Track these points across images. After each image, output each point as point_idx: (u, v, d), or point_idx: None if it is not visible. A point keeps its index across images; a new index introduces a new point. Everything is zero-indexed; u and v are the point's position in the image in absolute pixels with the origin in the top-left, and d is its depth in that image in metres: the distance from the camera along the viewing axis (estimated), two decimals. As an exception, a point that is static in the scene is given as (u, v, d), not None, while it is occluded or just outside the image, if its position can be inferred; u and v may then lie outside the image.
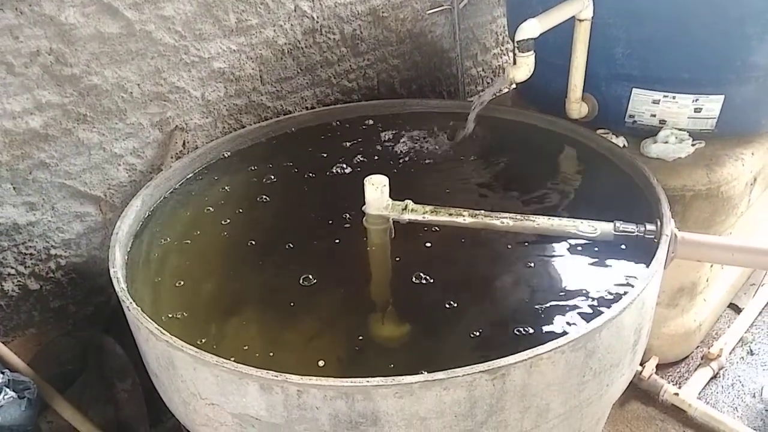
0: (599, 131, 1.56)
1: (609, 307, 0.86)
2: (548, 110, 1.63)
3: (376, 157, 1.41)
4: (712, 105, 1.45)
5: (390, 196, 1.13)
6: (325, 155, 1.42)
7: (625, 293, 0.89)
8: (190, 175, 1.33)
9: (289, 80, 1.56)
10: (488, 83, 2.30)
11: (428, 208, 1.13)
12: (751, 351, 1.71)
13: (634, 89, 1.50)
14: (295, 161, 1.39)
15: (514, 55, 1.31)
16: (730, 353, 1.69)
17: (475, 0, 2.01)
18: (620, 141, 1.51)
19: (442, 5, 1.89)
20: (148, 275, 1.07)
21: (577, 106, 1.56)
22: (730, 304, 1.89)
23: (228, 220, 1.19)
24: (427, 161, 1.41)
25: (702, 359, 1.66)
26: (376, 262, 1.13)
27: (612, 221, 1.06)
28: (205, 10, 1.31)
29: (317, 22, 1.55)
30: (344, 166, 1.36)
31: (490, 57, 2.23)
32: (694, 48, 1.38)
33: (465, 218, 1.10)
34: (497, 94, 1.46)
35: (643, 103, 1.50)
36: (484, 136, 1.49)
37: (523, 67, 1.31)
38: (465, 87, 2.09)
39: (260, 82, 1.49)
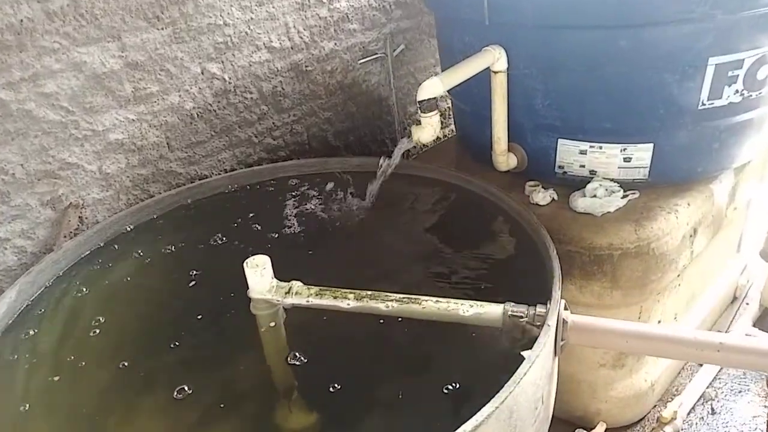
0: (529, 183, 1.48)
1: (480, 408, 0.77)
2: (482, 160, 1.56)
3: (287, 224, 1.34)
4: (642, 154, 1.36)
5: (302, 270, 1.06)
6: (235, 224, 1.36)
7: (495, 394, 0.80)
8: (86, 254, 1.27)
9: (201, 144, 1.50)
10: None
11: (313, 290, 1.05)
12: (713, 410, 1.59)
13: (559, 140, 1.42)
14: (201, 232, 1.33)
15: (418, 115, 1.24)
16: (689, 413, 1.57)
17: (413, 45, 1.95)
18: (548, 195, 1.43)
19: (375, 54, 1.83)
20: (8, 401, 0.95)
21: (504, 159, 1.49)
22: (693, 354, 1.77)
23: (100, 320, 1.10)
24: (340, 225, 1.34)
25: (656, 422, 1.54)
26: (270, 353, 1.05)
27: (504, 302, 0.97)
28: (94, 83, 1.26)
29: (230, 83, 1.50)
30: (254, 235, 1.29)
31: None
32: (613, 96, 1.30)
33: (349, 302, 1.01)
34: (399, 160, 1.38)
35: (570, 154, 1.42)
36: (399, 196, 1.41)
37: (428, 128, 1.24)
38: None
39: (168, 149, 1.43)
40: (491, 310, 0.95)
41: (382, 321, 0.99)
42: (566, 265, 1.35)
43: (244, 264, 1.04)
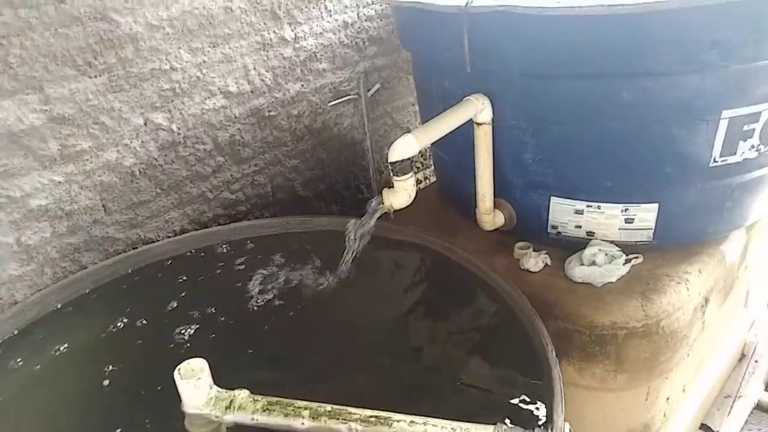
0: (519, 245, 1.31)
1: None
2: (467, 214, 1.39)
3: (243, 300, 1.15)
4: (646, 215, 1.20)
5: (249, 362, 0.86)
6: (180, 301, 1.16)
7: None
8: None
9: (145, 204, 1.31)
10: (418, 167, 2.07)
11: (260, 403, 0.85)
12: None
13: (552, 198, 1.25)
14: (140, 311, 1.13)
15: (390, 178, 1.06)
16: None
17: (389, 83, 1.79)
18: (540, 260, 1.26)
19: (348, 95, 1.67)
20: None
21: (490, 218, 1.32)
22: (702, 425, 1.60)
23: None
24: (304, 303, 1.15)
25: None
26: None
27: (496, 423, 0.79)
28: (9, 142, 1.07)
29: (178, 134, 1.32)
30: (201, 317, 1.10)
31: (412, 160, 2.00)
32: (613, 152, 1.14)
33: (304, 421, 0.83)
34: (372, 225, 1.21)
35: (564, 214, 1.26)
36: (371, 264, 1.23)
37: (402, 193, 1.07)
38: (384, 179, 1.85)
39: (103, 212, 1.24)
40: (478, 436, 0.77)
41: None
42: (564, 343, 1.18)
43: (176, 372, 0.85)
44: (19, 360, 1.04)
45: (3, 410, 0.94)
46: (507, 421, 0.78)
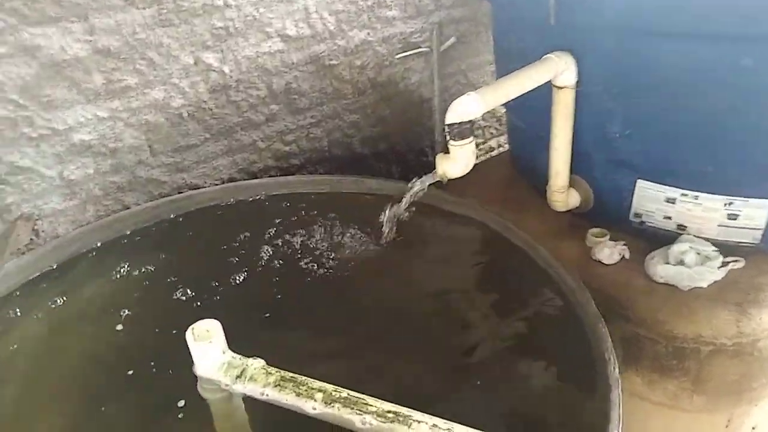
0: (594, 231, 1.15)
1: None
2: (540, 190, 1.23)
3: (279, 261, 1.07)
4: (754, 212, 1.00)
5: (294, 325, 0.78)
6: (211, 253, 1.10)
7: None
8: (37, 275, 1.06)
9: (193, 148, 1.25)
10: (492, 134, 1.90)
11: (273, 377, 0.77)
12: None
13: (639, 181, 1.07)
14: (178, 257, 1.08)
15: (446, 142, 0.93)
16: None
17: (466, 38, 1.62)
18: (616, 251, 1.09)
19: (418, 47, 1.52)
20: None
21: (563, 197, 1.15)
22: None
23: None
24: (342, 271, 1.05)
25: None
26: None
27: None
28: (53, 72, 1.02)
29: (230, 77, 1.24)
30: (235, 273, 1.04)
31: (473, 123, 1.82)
32: (722, 132, 0.94)
33: (315, 404, 0.74)
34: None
35: (652, 201, 1.07)
36: (419, 235, 1.11)
37: (458, 161, 0.93)
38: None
39: (149, 154, 1.19)
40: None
41: None
42: (634, 350, 1.02)
43: (189, 331, 0.78)
44: (54, 294, 1.02)
45: (32, 343, 0.93)
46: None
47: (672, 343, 0.96)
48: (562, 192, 1.14)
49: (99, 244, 1.14)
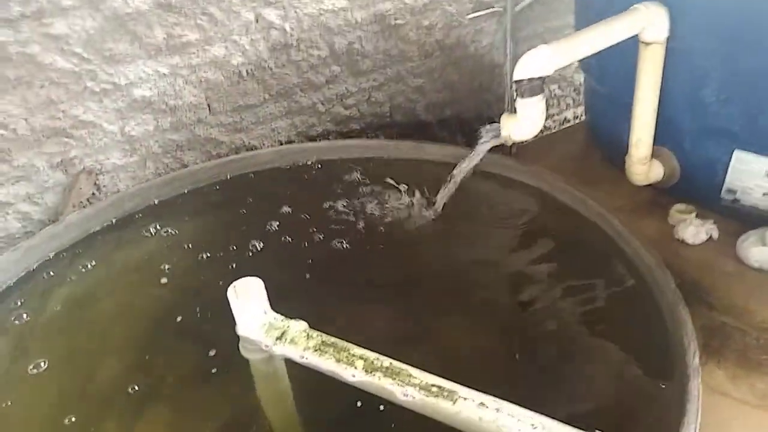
0: (678, 207, 1.03)
1: None
2: (617, 162, 1.13)
3: (333, 225, 1.04)
4: None
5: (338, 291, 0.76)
6: (265, 215, 1.08)
7: None
8: (97, 229, 1.08)
9: (252, 108, 1.23)
10: (568, 104, 1.77)
11: (313, 341, 0.73)
12: None
13: (736, 152, 0.94)
14: (234, 218, 1.07)
15: (513, 100, 0.85)
16: None
17: (544, -2, 1.50)
18: (704, 230, 0.97)
19: (491, 7, 1.42)
20: None
21: (644, 169, 1.04)
22: None
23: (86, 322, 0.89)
24: (395, 239, 1.00)
25: None
26: (272, 416, 0.78)
27: (593, 429, 0.59)
28: (116, 25, 1.02)
29: (291, 35, 1.20)
30: (290, 234, 1.01)
31: (570, 70, 1.70)
32: None
33: (355, 372, 0.69)
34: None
35: (750, 175, 0.94)
36: (480, 205, 1.04)
37: (525, 122, 0.85)
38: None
39: (208, 112, 1.18)
40: (565, 444, 0.57)
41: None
42: (717, 341, 0.91)
43: (230, 289, 0.76)
44: (112, 246, 1.04)
45: (92, 292, 0.95)
46: (610, 434, 0.58)
47: (763, 335, 0.84)
48: (644, 163, 1.03)
49: (157, 201, 1.15)
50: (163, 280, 0.96)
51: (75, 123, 1.06)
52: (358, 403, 0.73)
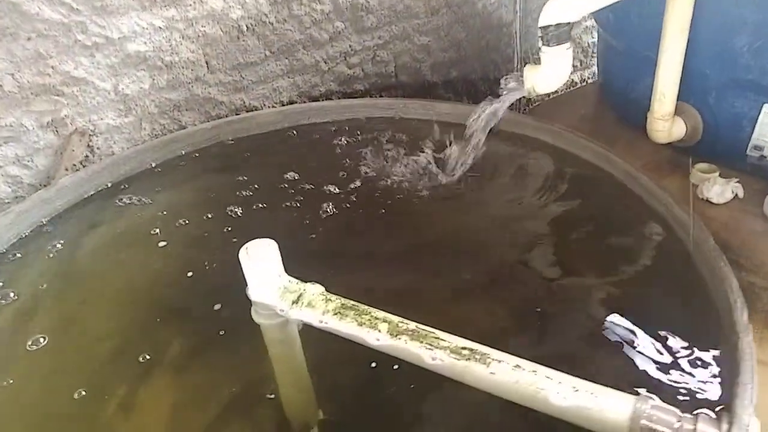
0: (701, 167, 1.00)
1: None
2: (632, 121, 1.09)
3: (340, 189, 0.99)
4: None
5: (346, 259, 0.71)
6: (277, 179, 1.03)
7: None
8: (91, 193, 1.02)
9: (252, 66, 1.17)
10: (575, 66, 1.72)
11: (333, 304, 0.69)
12: None
13: (765, 106, 0.90)
14: (235, 186, 1.01)
15: (539, 50, 0.80)
16: None
17: (555, -48, 1.43)
18: (729, 188, 0.94)
19: (500, -40, 1.36)
20: None
21: (666, 126, 1.00)
22: None
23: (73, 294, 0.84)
24: (409, 202, 0.96)
25: None
26: (283, 382, 0.74)
27: (638, 394, 0.55)
28: (106, -28, 0.95)
29: (293, -13, 1.13)
30: (295, 198, 0.96)
31: (579, 31, 1.64)
32: None
33: (379, 337, 0.65)
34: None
35: (780, 130, 0.91)
36: (498, 165, 0.99)
37: (550, 72, 0.80)
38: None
39: (206, 70, 1.12)
40: (609, 407, 0.54)
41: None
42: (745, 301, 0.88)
43: (242, 250, 0.71)
44: (106, 211, 0.98)
45: (91, 254, 0.90)
46: (654, 396, 0.54)
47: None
48: (667, 120, 0.99)
49: (154, 165, 1.09)
50: (162, 244, 0.91)
51: (65, 79, 0.99)
52: (373, 364, 0.70)
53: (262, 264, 0.71)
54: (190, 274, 0.84)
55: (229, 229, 0.92)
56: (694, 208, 0.94)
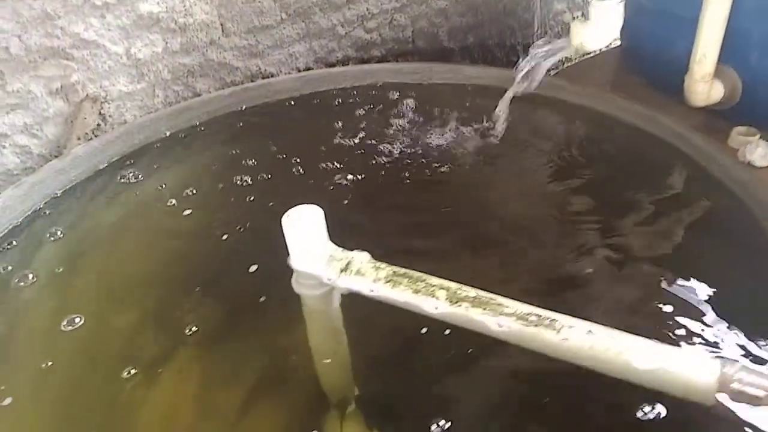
0: (740, 130, 0.97)
1: None
2: (662, 85, 1.05)
3: (368, 157, 0.94)
4: None
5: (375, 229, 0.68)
6: (298, 148, 0.98)
7: None
8: (104, 166, 0.97)
9: (268, 30, 1.11)
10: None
11: (384, 272, 0.66)
12: None
13: (812, 65, 0.87)
14: (256, 154, 0.97)
15: (588, 5, 0.76)
16: None
17: None
18: (772, 151, 0.91)
19: None
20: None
21: (705, 88, 0.97)
22: None
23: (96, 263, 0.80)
24: (443, 167, 0.92)
25: None
26: (320, 350, 0.71)
27: (721, 356, 0.53)
28: (117, -76, 0.89)
29: (311, -56, 1.07)
30: (319, 170, 0.92)
31: (594, -3, 1.59)
32: None
33: (438, 305, 0.62)
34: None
35: (826, 90, 0.88)
36: (534, 130, 0.96)
37: (602, 27, 0.76)
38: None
39: (221, 33, 1.06)
40: (694, 370, 0.52)
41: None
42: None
43: (284, 217, 0.67)
44: (122, 181, 0.93)
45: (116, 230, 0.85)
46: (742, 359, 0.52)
47: None
48: (706, 81, 0.95)
49: (168, 134, 1.04)
50: (186, 212, 0.86)
51: (75, 42, 0.93)
52: (423, 330, 0.67)
53: (306, 231, 0.67)
54: (224, 237, 0.80)
55: (252, 198, 0.87)
56: (734, 172, 0.92)
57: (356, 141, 0.98)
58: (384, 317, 0.67)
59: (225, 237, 0.81)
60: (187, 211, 0.86)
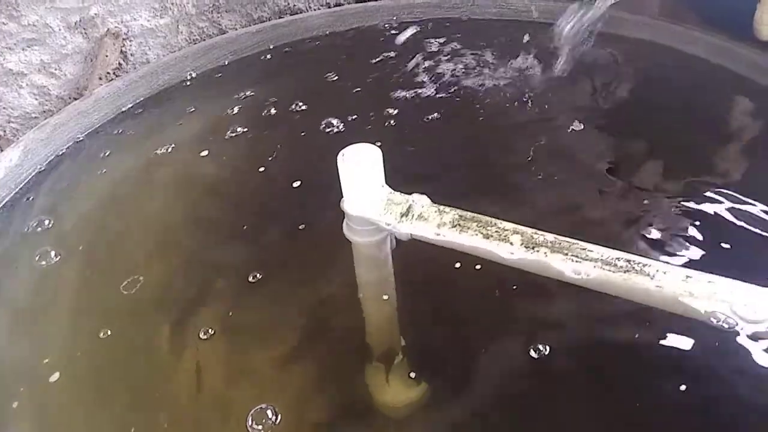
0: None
1: None
2: (719, 21, 0.97)
3: (413, 97, 0.88)
4: None
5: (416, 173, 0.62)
6: (334, 88, 0.91)
7: None
8: (128, 107, 0.90)
9: (297, -40, 1.03)
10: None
11: (448, 216, 0.61)
12: None
13: None
14: (287, 96, 0.90)
15: None
16: None
17: None
18: None
19: None
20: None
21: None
22: None
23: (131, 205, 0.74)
24: (498, 107, 0.85)
25: None
26: (369, 301, 0.66)
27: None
28: None
29: None
30: (357, 111, 0.85)
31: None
32: None
33: (513, 250, 0.57)
34: None
35: None
36: (597, 67, 0.89)
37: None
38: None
39: (248, -37, 0.98)
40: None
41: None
42: None
43: (339, 156, 0.62)
44: (149, 123, 0.87)
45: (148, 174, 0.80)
46: None
47: None
48: (780, 13, 0.88)
49: (194, 74, 0.97)
50: (218, 157, 0.80)
51: (93, -30, 0.85)
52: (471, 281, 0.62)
53: (363, 172, 0.61)
54: (261, 168, 0.74)
55: (284, 142, 0.81)
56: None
57: (398, 80, 0.91)
58: (431, 264, 0.63)
59: (262, 177, 0.75)
60: (219, 156, 0.80)
